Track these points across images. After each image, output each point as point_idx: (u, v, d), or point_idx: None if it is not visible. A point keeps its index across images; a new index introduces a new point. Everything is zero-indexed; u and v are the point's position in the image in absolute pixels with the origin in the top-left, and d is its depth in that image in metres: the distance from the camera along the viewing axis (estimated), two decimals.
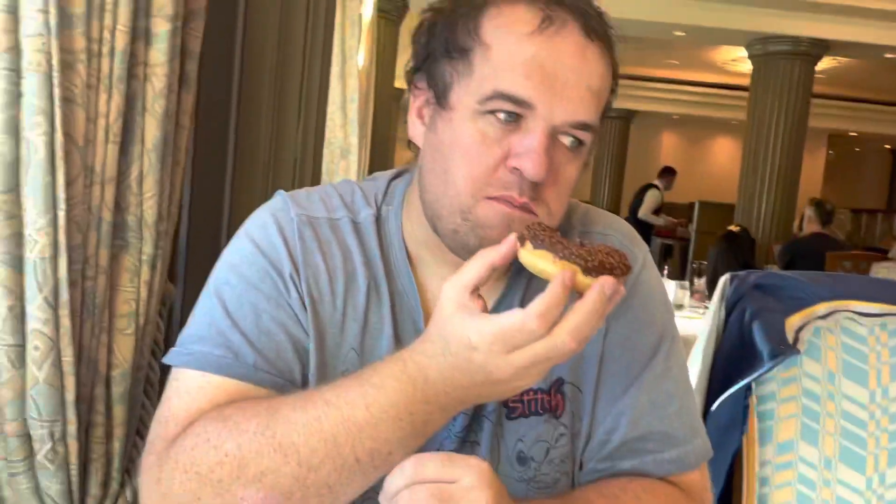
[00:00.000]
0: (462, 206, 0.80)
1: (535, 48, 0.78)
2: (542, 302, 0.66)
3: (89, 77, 1.11)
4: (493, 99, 0.78)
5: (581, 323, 0.67)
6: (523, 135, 0.78)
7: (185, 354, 0.84)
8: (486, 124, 0.79)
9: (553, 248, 0.68)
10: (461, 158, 0.80)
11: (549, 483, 0.91)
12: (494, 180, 0.79)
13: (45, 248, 1.08)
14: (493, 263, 0.70)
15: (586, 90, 0.79)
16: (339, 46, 4.06)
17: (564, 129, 0.79)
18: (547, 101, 0.77)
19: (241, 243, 0.89)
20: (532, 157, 0.77)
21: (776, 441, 1.33)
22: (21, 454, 1.14)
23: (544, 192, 0.80)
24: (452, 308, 0.70)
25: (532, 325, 0.66)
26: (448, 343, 0.70)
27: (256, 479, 0.72)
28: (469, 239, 0.81)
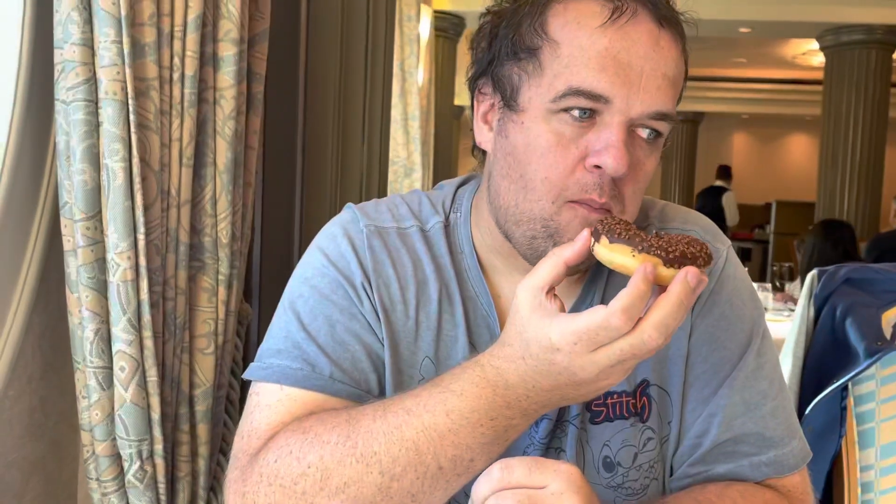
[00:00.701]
0: (544, 212, 0.79)
1: (608, 40, 0.75)
2: (625, 297, 0.63)
3: (162, 103, 1.15)
4: (567, 96, 0.76)
5: (666, 316, 0.64)
6: (600, 130, 0.76)
7: (263, 369, 0.85)
8: (561, 123, 0.77)
9: (631, 241, 0.66)
10: (538, 162, 0.78)
11: (638, 490, 0.88)
12: (573, 183, 0.77)
13: (126, 272, 1.11)
14: (567, 261, 0.68)
15: (662, 79, 0.77)
16: (398, 66, 4.12)
17: (642, 121, 0.77)
18: (623, 93, 0.75)
19: (313, 256, 0.90)
20: (612, 151, 0.75)
21: (879, 444, 1.26)
22: (111, 474, 1.17)
23: (623, 188, 0.78)
24: (528, 310, 0.68)
25: (616, 322, 0.63)
26: (528, 345, 0.68)
27: (340, 490, 0.72)
28: (547, 246, 0.79)
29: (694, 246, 0.66)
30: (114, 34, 1.08)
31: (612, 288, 0.88)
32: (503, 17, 0.83)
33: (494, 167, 0.84)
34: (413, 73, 4.38)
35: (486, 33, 0.85)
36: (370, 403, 0.77)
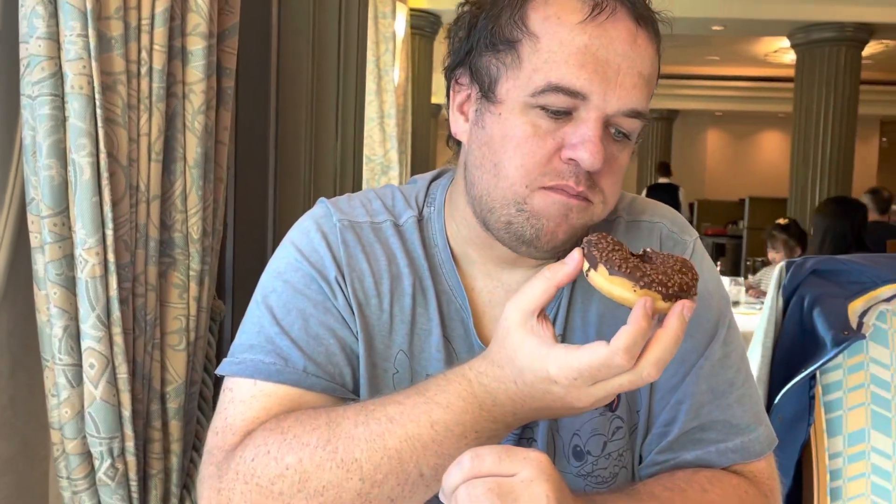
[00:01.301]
0: (517, 196, 0.79)
1: (587, 37, 0.76)
2: (628, 336, 0.64)
3: (129, 98, 1.14)
4: (546, 92, 0.77)
5: (664, 352, 0.66)
6: (577, 125, 0.77)
7: (236, 364, 0.84)
8: (538, 116, 0.78)
9: (632, 275, 0.65)
10: (513, 151, 0.79)
11: (608, 477, 0.89)
12: (549, 171, 0.78)
13: (95, 268, 1.10)
14: (559, 284, 0.69)
15: (638, 77, 0.78)
16: (373, 63, 4.11)
17: (617, 118, 0.78)
18: (601, 90, 0.76)
19: (286, 251, 0.89)
20: (588, 147, 0.76)
21: (846, 432, 1.28)
22: (82, 472, 1.15)
23: (600, 181, 0.79)
24: (520, 335, 0.68)
25: (619, 361, 0.64)
26: (522, 373, 0.68)
27: (318, 494, 0.72)
28: (525, 230, 0.80)
29: (686, 274, 0.67)
30: (79, 28, 1.07)
31: (580, 286, 0.89)
32: (483, 7, 0.83)
33: (470, 157, 0.84)
34: (389, 71, 4.37)
35: (464, 23, 0.85)
36: (351, 406, 0.76)
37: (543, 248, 0.81)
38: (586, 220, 0.81)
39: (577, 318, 0.89)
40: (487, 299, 0.89)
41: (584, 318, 0.89)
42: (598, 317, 0.88)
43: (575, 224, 0.80)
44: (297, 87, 1.73)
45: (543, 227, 0.79)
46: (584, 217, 0.80)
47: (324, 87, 1.82)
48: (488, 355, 0.72)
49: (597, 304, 0.88)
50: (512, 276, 0.89)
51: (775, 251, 4.39)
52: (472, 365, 0.73)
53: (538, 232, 0.79)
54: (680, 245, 0.93)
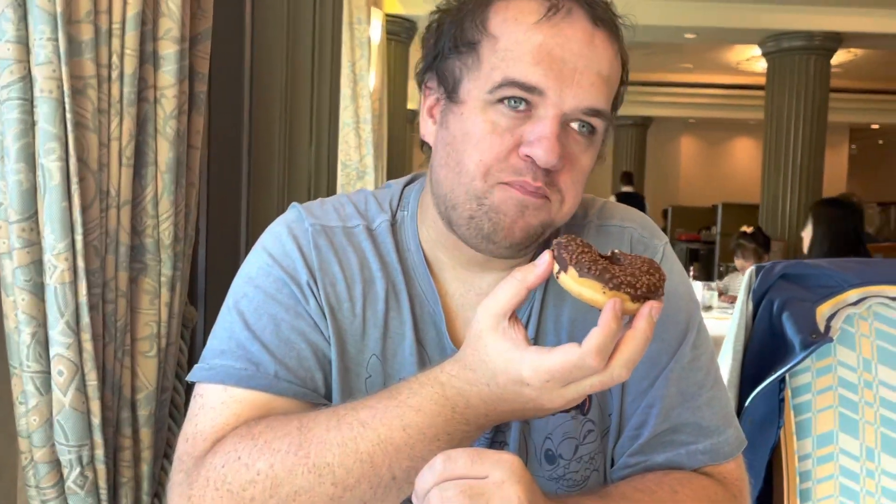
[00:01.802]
0: (476, 191, 0.80)
1: (543, 36, 0.78)
2: (599, 338, 0.65)
3: (100, 102, 1.13)
4: (503, 87, 0.78)
5: (634, 353, 0.67)
6: (534, 122, 0.78)
7: (207, 370, 0.83)
8: (497, 114, 0.79)
9: (601, 277, 0.66)
10: (473, 148, 0.79)
11: (579, 481, 0.90)
12: (507, 167, 0.79)
13: (64, 274, 1.08)
14: (530, 286, 0.69)
15: (596, 76, 0.79)
16: (349, 68, 4.10)
17: (576, 116, 0.79)
18: (557, 87, 0.77)
19: (258, 256, 0.89)
20: (544, 143, 0.76)
21: (815, 434, 1.30)
22: (51, 481, 1.14)
23: (558, 179, 0.80)
24: (493, 338, 0.69)
25: (590, 362, 0.65)
26: (495, 376, 0.69)
27: (290, 499, 0.71)
28: (484, 224, 0.80)
29: (653, 275, 0.68)
30: (49, 31, 1.06)
31: (552, 290, 0.89)
32: (449, 13, 0.85)
33: (435, 158, 0.85)
34: (365, 77, 4.36)
35: (433, 30, 0.87)
36: (322, 411, 0.76)
37: (502, 244, 0.81)
38: (543, 219, 0.81)
39: (549, 323, 0.89)
40: (460, 303, 0.90)
41: (556, 322, 0.89)
42: (569, 321, 0.89)
43: (531, 222, 0.80)
44: (271, 92, 1.72)
45: (501, 223, 0.80)
46: (541, 215, 0.81)
47: (298, 92, 1.81)
48: (460, 358, 0.72)
49: (569, 308, 0.89)
50: (483, 280, 0.89)
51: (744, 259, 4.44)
52: (443, 368, 0.73)
53: (496, 227, 0.80)
54: (650, 249, 0.94)
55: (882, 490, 1.24)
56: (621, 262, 0.69)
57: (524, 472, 0.65)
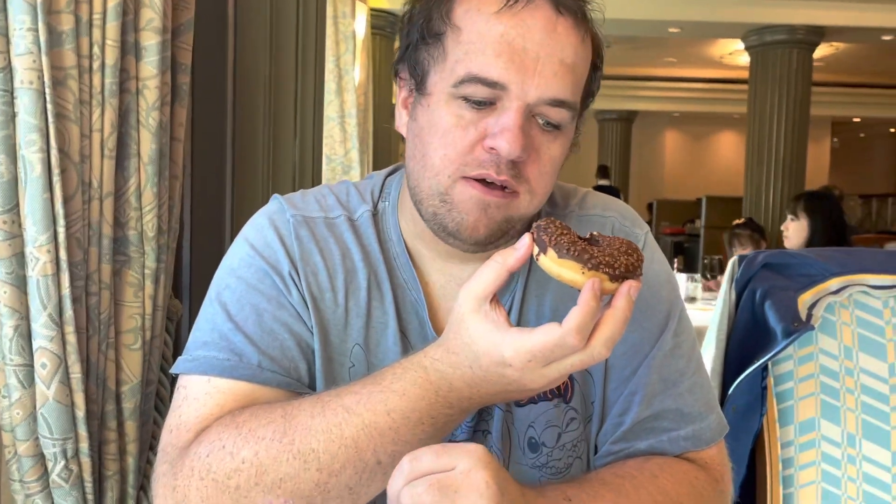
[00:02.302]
0: (440, 186, 0.80)
1: (504, 26, 0.77)
2: (579, 316, 0.65)
3: (81, 93, 1.12)
4: (466, 82, 0.78)
5: (614, 332, 0.67)
6: (499, 114, 0.78)
7: (190, 361, 0.83)
8: (461, 107, 0.79)
9: (580, 258, 0.66)
10: (438, 141, 0.79)
11: (562, 468, 0.90)
12: (471, 160, 0.79)
13: (46, 266, 1.08)
14: (511, 269, 0.69)
15: (559, 65, 0.78)
16: (333, 63, 4.09)
17: (540, 107, 0.79)
18: (518, 79, 0.77)
19: (239, 248, 0.89)
20: (506, 135, 0.76)
21: (797, 421, 1.31)
22: (35, 474, 1.13)
23: (525, 171, 0.80)
24: (475, 321, 0.69)
25: (571, 341, 0.65)
26: (478, 358, 0.69)
27: (276, 486, 0.71)
28: (447, 222, 0.81)
29: (631, 255, 0.69)
30: (29, 21, 1.05)
31: (534, 277, 0.90)
32: (420, 3, 0.85)
33: (407, 150, 0.86)
34: (349, 71, 4.35)
35: (406, 21, 0.86)
36: (306, 398, 0.76)
37: (467, 241, 0.81)
38: (510, 213, 0.81)
39: (531, 312, 0.90)
40: (441, 293, 0.90)
41: (538, 311, 0.90)
42: (551, 310, 0.89)
43: (496, 218, 0.80)
44: (255, 85, 1.71)
45: (464, 221, 0.80)
46: (507, 211, 0.80)
47: (281, 85, 1.80)
48: (443, 342, 0.72)
49: (551, 296, 0.90)
50: (464, 271, 0.89)
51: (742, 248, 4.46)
52: (426, 353, 0.73)
53: (459, 225, 0.80)
54: (631, 238, 0.94)
55: (863, 476, 1.26)
56: (600, 244, 0.70)
57: (490, 458, 0.65)
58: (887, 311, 1.34)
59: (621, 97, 11.66)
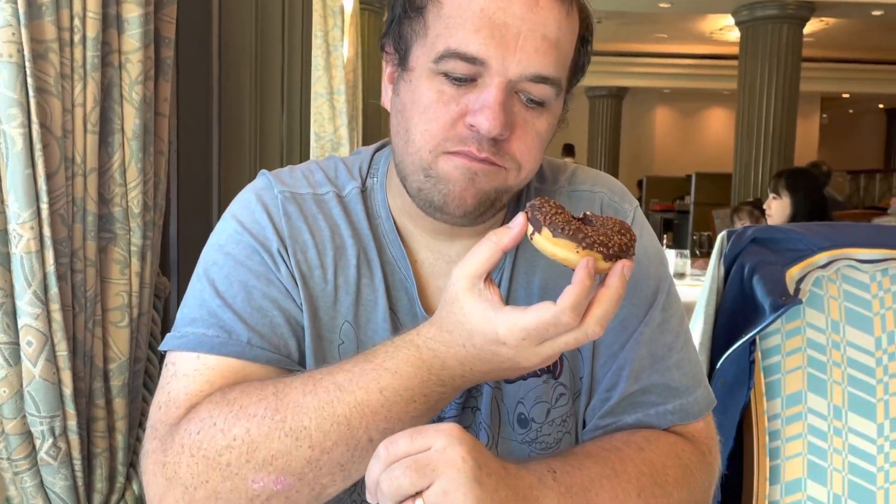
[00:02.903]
0: (423, 162, 0.79)
1: (484, 1, 0.75)
2: (573, 295, 0.65)
3: (62, 66, 1.10)
4: (445, 58, 0.76)
5: (607, 311, 0.67)
6: (480, 91, 0.77)
7: (178, 338, 0.83)
8: (442, 83, 0.78)
9: (574, 237, 0.66)
10: (419, 117, 0.79)
11: (552, 443, 0.91)
12: (452, 136, 0.78)
13: (30, 243, 1.06)
14: (505, 248, 0.69)
15: (542, 40, 0.76)
16: (321, 38, 4.04)
17: (522, 83, 0.77)
18: (499, 55, 0.75)
19: (227, 224, 0.88)
20: (486, 112, 0.75)
21: (784, 394, 1.32)
22: (23, 452, 1.13)
23: (508, 147, 0.79)
24: (469, 300, 0.69)
25: (565, 319, 0.65)
26: (471, 336, 0.69)
27: (267, 463, 0.71)
28: (433, 196, 0.80)
29: (624, 235, 0.69)
30: None
31: (523, 255, 0.89)
32: None
33: (391, 125, 0.85)
34: (338, 47, 4.30)
35: None
36: (297, 376, 0.76)
37: (455, 214, 0.80)
38: (498, 184, 0.80)
39: (520, 289, 0.89)
40: (430, 270, 0.90)
41: (527, 288, 0.89)
42: (540, 287, 0.89)
43: (484, 188, 0.79)
44: (241, 59, 1.69)
45: (450, 192, 0.79)
46: (495, 181, 0.79)
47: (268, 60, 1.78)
48: (436, 321, 0.72)
49: (540, 273, 0.89)
50: (452, 248, 0.89)
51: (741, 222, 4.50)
52: (419, 331, 0.73)
53: (445, 197, 0.79)
54: (620, 213, 0.94)
55: (849, 447, 1.27)
56: (593, 223, 0.70)
57: (465, 434, 0.65)
58: (874, 285, 1.35)
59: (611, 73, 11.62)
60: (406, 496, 0.63)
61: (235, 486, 0.72)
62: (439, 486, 0.62)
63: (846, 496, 1.26)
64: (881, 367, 1.29)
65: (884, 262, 1.35)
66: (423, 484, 0.63)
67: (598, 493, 0.74)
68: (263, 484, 0.72)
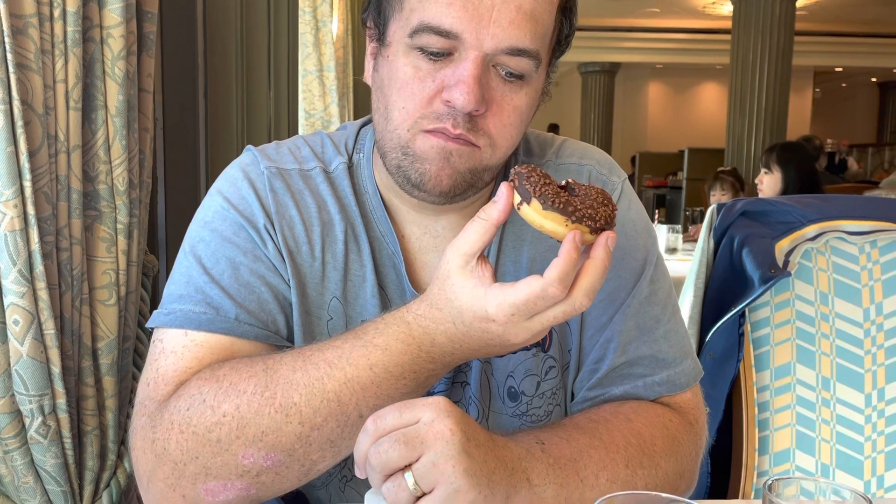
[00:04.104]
0: (401, 140, 0.79)
1: None
2: (560, 267, 0.65)
3: (42, 42, 1.08)
4: (419, 32, 0.75)
5: (594, 282, 0.67)
6: (455, 65, 0.76)
7: (166, 315, 0.82)
8: (418, 58, 0.77)
9: (564, 210, 0.66)
10: (397, 94, 0.78)
11: (542, 416, 0.91)
12: (429, 113, 0.77)
13: (14, 221, 1.05)
14: (497, 222, 0.68)
15: (516, 12, 0.75)
16: (310, 14, 3.99)
17: (500, 56, 0.76)
18: (472, 28, 0.74)
19: (213, 200, 0.87)
20: (461, 87, 0.74)
21: (773, 366, 1.33)
22: (12, 431, 1.13)
23: (484, 123, 0.78)
24: (460, 277, 0.68)
25: (553, 291, 0.65)
26: (461, 313, 0.68)
27: (257, 439, 0.71)
28: (411, 174, 0.80)
29: (608, 206, 0.69)
30: None
31: (510, 231, 0.89)
32: None
33: (372, 102, 0.84)
34: (327, 23, 4.25)
35: None
36: (287, 352, 0.76)
37: (432, 192, 0.80)
38: (473, 164, 0.79)
39: (508, 265, 0.89)
40: (417, 246, 0.89)
41: (515, 263, 0.89)
42: (528, 261, 0.89)
43: (459, 168, 0.79)
44: (226, 34, 1.67)
45: (427, 171, 0.78)
46: (470, 161, 0.79)
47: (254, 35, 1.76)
48: (427, 297, 0.72)
49: (528, 249, 0.89)
50: (438, 223, 0.89)
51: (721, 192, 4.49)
52: (409, 308, 0.73)
53: (422, 176, 0.79)
54: (608, 186, 0.94)
55: (837, 418, 1.28)
56: (577, 193, 0.69)
57: (452, 407, 0.65)
58: (863, 256, 1.35)
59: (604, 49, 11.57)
60: (395, 469, 0.63)
61: (225, 461, 0.72)
62: (428, 459, 0.62)
63: (834, 466, 1.27)
64: (869, 338, 1.30)
65: (872, 233, 1.35)
66: (412, 457, 0.63)
67: (587, 464, 0.74)
68: (253, 460, 0.72)
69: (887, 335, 1.31)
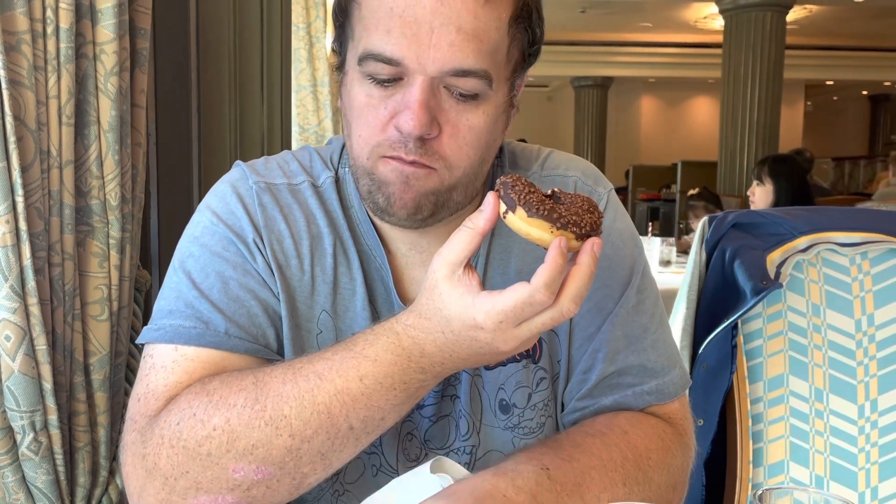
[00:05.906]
0: (365, 166, 0.80)
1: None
2: (547, 273, 0.65)
3: (35, 58, 1.09)
4: (366, 60, 0.76)
5: (581, 288, 0.67)
6: (404, 91, 0.76)
7: (155, 330, 0.82)
8: (370, 86, 0.77)
9: (549, 217, 0.67)
10: (356, 121, 0.79)
11: (535, 428, 0.91)
12: (384, 140, 0.78)
13: (6, 237, 1.05)
14: (482, 232, 0.68)
15: (457, 33, 0.74)
16: (304, 30, 4.02)
17: (447, 79, 0.76)
18: (413, 53, 0.74)
19: (202, 216, 0.88)
20: (407, 114, 0.75)
21: (766, 377, 1.33)
22: (4, 447, 1.12)
23: (439, 146, 0.78)
24: (448, 286, 0.68)
25: (541, 297, 0.65)
26: (450, 322, 0.69)
27: (248, 452, 0.71)
28: (378, 199, 0.80)
29: (593, 213, 0.69)
30: None
31: (498, 242, 0.90)
32: None
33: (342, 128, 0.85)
34: (321, 38, 4.27)
35: None
36: (277, 365, 0.76)
37: (400, 216, 0.80)
38: (433, 186, 0.79)
39: (496, 274, 0.89)
40: (405, 261, 0.90)
41: (503, 273, 0.89)
42: (516, 272, 0.89)
43: (420, 190, 0.79)
44: (219, 50, 1.68)
45: (392, 194, 0.79)
46: (429, 183, 0.79)
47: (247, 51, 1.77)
48: (415, 308, 0.72)
49: (515, 260, 0.89)
50: (423, 238, 0.89)
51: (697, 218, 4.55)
52: (398, 319, 0.73)
53: (388, 200, 0.79)
54: (594, 197, 0.94)
55: (830, 429, 1.28)
56: (563, 201, 0.70)
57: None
58: (854, 268, 1.35)
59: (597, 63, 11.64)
60: None
61: (216, 475, 0.72)
62: None
63: (828, 477, 1.27)
64: (861, 349, 1.30)
65: (863, 245, 1.36)
66: None
67: (590, 487, 0.75)
68: (244, 473, 0.71)
69: (879, 346, 1.31)
